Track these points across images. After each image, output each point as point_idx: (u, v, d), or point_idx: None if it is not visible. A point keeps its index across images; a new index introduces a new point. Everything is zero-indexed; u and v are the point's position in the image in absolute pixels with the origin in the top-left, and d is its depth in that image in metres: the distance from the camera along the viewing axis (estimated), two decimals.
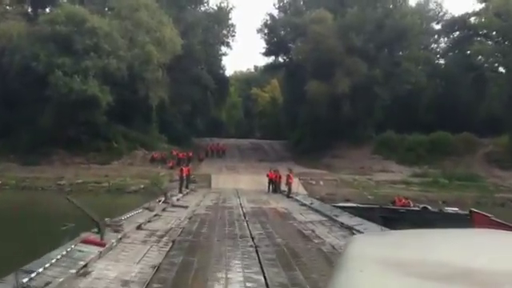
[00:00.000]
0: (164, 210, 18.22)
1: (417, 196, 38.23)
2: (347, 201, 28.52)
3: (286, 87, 65.89)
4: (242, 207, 20.94)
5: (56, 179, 38.47)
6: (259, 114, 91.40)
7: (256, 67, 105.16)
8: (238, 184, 37.71)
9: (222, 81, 61.72)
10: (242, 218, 17.33)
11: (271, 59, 63.81)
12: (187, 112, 53.51)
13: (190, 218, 16.19)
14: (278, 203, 24.30)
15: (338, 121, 49.60)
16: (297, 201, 25.46)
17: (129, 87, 43.02)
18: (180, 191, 26.56)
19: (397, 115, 52.39)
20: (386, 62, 50.34)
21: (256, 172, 44.35)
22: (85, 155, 43.10)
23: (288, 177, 28.86)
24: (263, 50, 62.44)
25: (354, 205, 22.43)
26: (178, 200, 23.31)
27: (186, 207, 20.57)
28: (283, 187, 33.50)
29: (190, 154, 46.99)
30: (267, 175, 34.28)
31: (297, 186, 34.77)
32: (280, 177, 33.29)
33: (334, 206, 21.46)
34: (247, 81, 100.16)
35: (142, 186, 37.09)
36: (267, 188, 33.97)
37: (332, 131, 51.18)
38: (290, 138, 65.85)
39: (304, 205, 22.44)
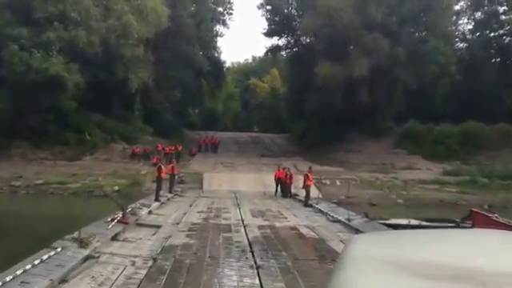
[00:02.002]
0: (116, 236, 10.81)
1: (455, 199, 31.51)
2: (389, 219, 19.43)
3: (290, 72, 58.25)
4: (244, 227, 13.54)
5: (11, 179, 31.00)
6: (258, 105, 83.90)
7: (254, 57, 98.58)
8: (237, 184, 30.63)
9: (218, 64, 53.93)
10: (248, 251, 9.98)
11: (274, 41, 55.82)
12: (177, 99, 45.81)
13: (152, 262, 8.69)
14: (296, 216, 16.92)
15: (353, 109, 42.20)
16: (320, 212, 18.06)
17: (104, 67, 35.45)
18: (157, 198, 19.09)
19: (420, 103, 45.03)
20: (410, 39, 42.89)
21: (257, 169, 37.19)
22: (51, 149, 35.56)
23: (306, 177, 21.38)
24: (264, 32, 54.40)
25: (416, 222, 14.88)
26: (149, 213, 15.88)
27: (158, 227, 13.20)
28: (293, 189, 26.28)
29: (179, 149, 39.54)
30: (275, 174, 26.92)
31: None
32: (291, 176, 25.94)
33: (384, 225, 14.14)
34: (245, 71, 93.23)
35: (117, 188, 29.64)
36: (275, 190, 26.67)
37: (346, 122, 43.93)
38: (294, 130, 58.93)
39: (337, 221, 15.00)
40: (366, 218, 15.15)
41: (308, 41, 51.75)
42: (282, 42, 55.08)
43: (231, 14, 52.36)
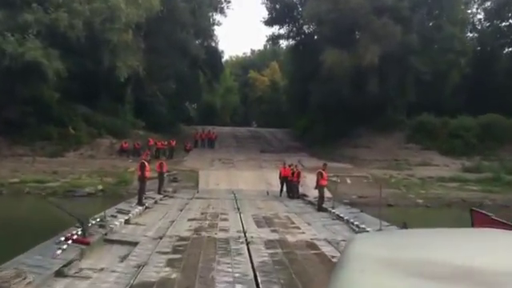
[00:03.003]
0: (64, 269, 7.46)
1: (478, 198, 28.28)
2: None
3: (291, 63, 54.74)
4: (247, 243, 10.22)
5: None
6: (258, 99, 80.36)
7: (253, 51, 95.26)
8: (236, 183, 27.57)
9: (215, 54, 50.34)
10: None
11: (274, 31, 52.16)
12: (172, 91, 42.27)
13: None
14: (310, 225, 13.60)
15: (361, 101, 38.82)
16: (339, 218, 14.75)
17: (88, 54, 32.03)
18: (140, 202, 15.74)
19: (432, 94, 41.69)
20: (423, 25, 39.50)
21: (258, 166, 33.97)
22: (30, 144, 32.18)
23: (320, 176, 17.96)
24: (265, 21, 50.75)
25: None
26: (127, 223, 12.55)
27: (134, 245, 9.91)
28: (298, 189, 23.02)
29: (173, 144, 36.21)
30: (279, 172, 23.63)
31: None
32: (298, 174, 22.63)
33: None
34: (243, 65, 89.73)
35: (100, 188, 26.38)
36: (279, 190, 23.41)
37: (353, 114, 40.57)
38: (296, 124, 55.52)
39: (366, 232, 11.65)
40: (404, 228, 11.82)
41: (311, 29, 48.35)
42: (283, 31, 51.51)
43: (229, 1, 48.78)
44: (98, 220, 10.95)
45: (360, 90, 38.30)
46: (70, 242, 8.71)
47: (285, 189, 23.62)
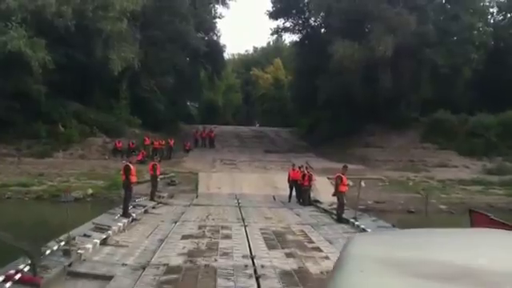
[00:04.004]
0: None
1: (505, 203, 25.57)
2: None
3: (297, 58, 52.05)
4: (256, 278, 7.64)
5: None
6: (260, 97, 77.69)
7: (255, 48, 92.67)
8: (239, 186, 25.10)
9: (217, 47, 47.58)
10: None
11: (279, 24, 49.33)
12: (170, 86, 39.61)
13: None
14: (333, 244, 10.96)
15: (373, 97, 36.27)
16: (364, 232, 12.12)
17: (79, 44, 29.49)
18: (125, 213, 13.15)
19: (447, 89, 39.00)
20: (439, 15, 36.83)
21: (262, 167, 31.50)
22: (16, 144, 29.68)
23: (339, 180, 15.30)
24: (269, 13, 47.91)
25: None
26: (103, 243, 9.95)
27: (109, 279, 7.36)
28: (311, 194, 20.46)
29: (171, 143, 33.65)
30: (288, 175, 21.07)
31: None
32: (310, 177, 20.04)
33: None
34: (245, 63, 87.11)
35: (90, 192, 23.84)
36: (288, 195, 20.89)
37: (364, 111, 38.05)
38: (301, 123, 53.03)
39: None
40: None
41: (319, 21, 45.73)
42: (288, 24, 48.75)
43: None
44: (63, 244, 8.38)
45: (371, 85, 35.80)
46: (9, 284, 6.14)
47: (294, 193, 21.11)
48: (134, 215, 13.29)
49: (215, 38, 48.73)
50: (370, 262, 1.61)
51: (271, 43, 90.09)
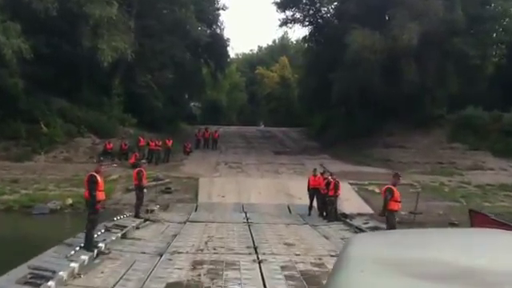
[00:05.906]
0: None
1: None
2: None
3: (306, 54, 48.21)
4: None
5: None
6: (266, 97, 74.20)
7: (260, 47, 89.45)
8: (247, 194, 21.58)
9: (220, 41, 43.71)
10: None
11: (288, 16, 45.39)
12: (169, 82, 35.86)
13: None
14: None
15: (394, 92, 32.35)
16: None
17: (63, 31, 25.81)
18: (88, 245, 9.25)
19: (476, 84, 35.10)
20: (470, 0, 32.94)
21: (273, 171, 27.70)
22: None
23: (389, 194, 11.28)
24: (277, 2, 43.92)
25: None
26: None
27: None
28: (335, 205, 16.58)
29: (169, 144, 29.87)
30: (308, 182, 17.23)
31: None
32: (336, 186, 16.14)
33: None
34: (250, 62, 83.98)
35: (70, 202, 20.12)
36: (308, 206, 17.10)
37: (384, 108, 34.25)
38: (312, 123, 49.18)
39: None
40: None
41: (332, 10, 41.94)
42: (298, 15, 44.87)
43: None
44: None
45: (393, 79, 31.89)
46: None
47: (315, 203, 17.32)
48: (101, 246, 9.40)
49: (218, 31, 44.94)
50: (370, 262, 1.57)
51: (277, 41, 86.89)
